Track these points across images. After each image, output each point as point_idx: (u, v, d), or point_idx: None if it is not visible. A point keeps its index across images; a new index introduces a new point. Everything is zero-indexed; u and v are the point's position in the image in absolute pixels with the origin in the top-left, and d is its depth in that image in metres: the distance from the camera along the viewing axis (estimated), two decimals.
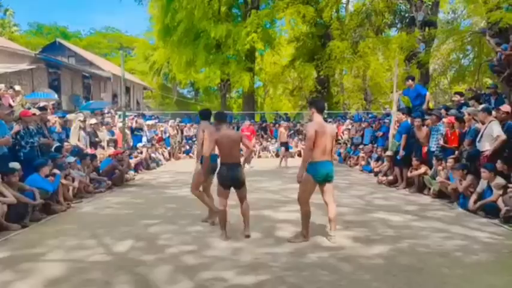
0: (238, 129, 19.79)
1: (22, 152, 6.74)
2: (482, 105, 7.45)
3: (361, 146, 13.40)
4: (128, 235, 5.10)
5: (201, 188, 5.70)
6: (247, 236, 4.90)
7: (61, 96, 18.92)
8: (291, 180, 10.41)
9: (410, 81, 10.09)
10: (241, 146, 5.07)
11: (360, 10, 18.74)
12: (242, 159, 5.13)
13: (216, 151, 5.22)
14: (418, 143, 8.65)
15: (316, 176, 4.60)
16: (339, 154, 15.37)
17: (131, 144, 12.96)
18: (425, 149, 8.47)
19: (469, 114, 7.58)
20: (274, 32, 22.21)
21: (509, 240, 4.87)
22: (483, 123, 6.76)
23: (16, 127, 6.73)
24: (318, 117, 4.70)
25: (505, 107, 6.83)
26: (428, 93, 10.25)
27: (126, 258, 4.27)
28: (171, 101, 35.50)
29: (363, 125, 14.85)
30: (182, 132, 19.00)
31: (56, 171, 6.75)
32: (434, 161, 7.97)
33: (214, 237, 4.97)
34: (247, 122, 15.85)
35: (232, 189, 4.92)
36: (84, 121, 10.16)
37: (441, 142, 8.01)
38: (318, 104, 4.85)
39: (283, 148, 14.09)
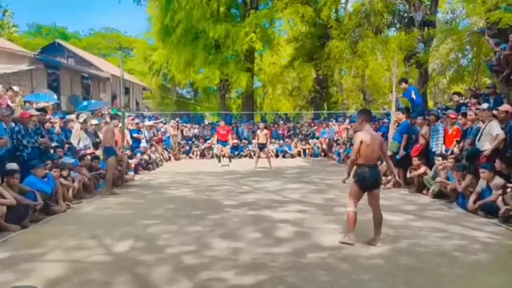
0: (237, 129, 19.91)
1: (25, 153, 6.76)
2: (486, 104, 7.45)
3: None
4: (128, 235, 5.11)
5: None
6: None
7: (60, 97, 18.89)
8: (291, 181, 10.47)
9: (404, 84, 10.16)
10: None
11: (358, 10, 18.72)
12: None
13: None
14: (417, 140, 8.69)
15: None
16: (338, 154, 15.40)
17: (130, 143, 12.93)
18: (421, 146, 8.53)
19: (475, 115, 7.57)
20: (273, 32, 22.15)
21: (509, 240, 4.89)
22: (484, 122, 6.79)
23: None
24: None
25: (504, 107, 6.84)
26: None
27: (126, 259, 4.27)
28: (171, 102, 35.44)
29: None
30: (182, 133, 18.98)
31: (45, 171, 6.69)
32: (436, 161, 7.97)
33: (214, 237, 4.98)
34: (221, 123, 15.74)
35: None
36: (85, 122, 10.15)
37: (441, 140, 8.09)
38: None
39: (258, 150, 13.66)
